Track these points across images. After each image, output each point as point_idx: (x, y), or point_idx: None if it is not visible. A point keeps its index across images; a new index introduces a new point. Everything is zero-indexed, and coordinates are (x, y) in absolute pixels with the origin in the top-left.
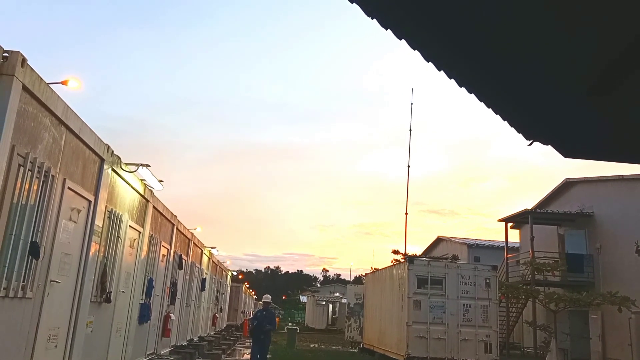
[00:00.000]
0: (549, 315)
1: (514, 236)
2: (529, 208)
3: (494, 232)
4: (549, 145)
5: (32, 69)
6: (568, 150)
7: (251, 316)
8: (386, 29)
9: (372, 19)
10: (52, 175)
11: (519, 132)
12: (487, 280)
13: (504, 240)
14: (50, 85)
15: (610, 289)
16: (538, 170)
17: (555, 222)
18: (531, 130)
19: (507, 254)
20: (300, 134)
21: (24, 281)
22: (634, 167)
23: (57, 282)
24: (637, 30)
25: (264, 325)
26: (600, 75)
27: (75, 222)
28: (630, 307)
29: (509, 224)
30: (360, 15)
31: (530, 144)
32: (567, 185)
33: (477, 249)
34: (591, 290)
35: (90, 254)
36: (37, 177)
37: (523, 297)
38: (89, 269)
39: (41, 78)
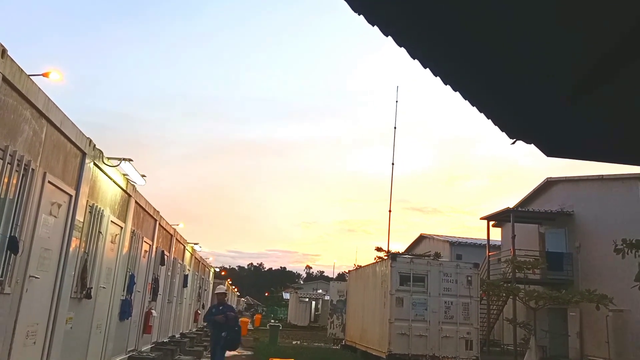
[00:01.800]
0: (528, 313)
1: (496, 234)
2: (511, 207)
3: (476, 230)
4: (532, 144)
5: (12, 60)
6: (550, 149)
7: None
8: (373, 26)
9: (358, 14)
10: (32, 168)
11: (502, 130)
12: (469, 278)
13: (485, 238)
14: (31, 77)
15: (589, 287)
16: (521, 169)
17: (536, 220)
18: (514, 129)
19: (489, 252)
20: (286, 131)
21: (1, 276)
22: (614, 166)
23: (37, 277)
24: (621, 31)
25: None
26: (583, 75)
27: (55, 216)
28: (608, 305)
29: (491, 222)
30: (347, 11)
31: (514, 143)
32: (548, 185)
33: (459, 247)
34: (570, 288)
35: (71, 249)
36: (16, 171)
37: (504, 294)
38: (69, 264)
39: (22, 69)
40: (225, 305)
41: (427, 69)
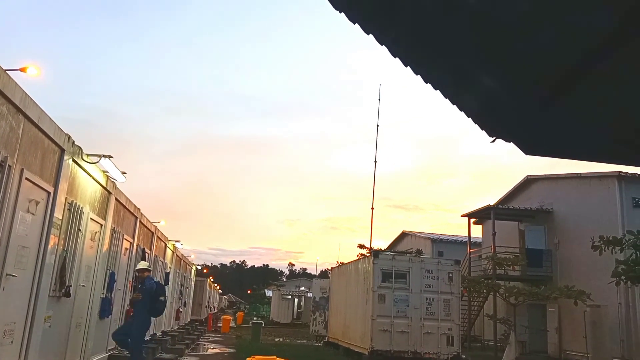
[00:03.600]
0: (508, 309)
1: (477, 231)
2: (492, 204)
3: (457, 228)
4: (511, 142)
5: None
6: (529, 148)
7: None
8: (354, 24)
9: (340, 12)
10: (8, 165)
11: (482, 129)
12: (450, 275)
13: (467, 235)
14: (7, 71)
15: (567, 283)
16: (501, 167)
17: (516, 218)
18: (494, 128)
19: (470, 249)
20: (269, 128)
21: None
22: (592, 165)
23: (14, 275)
24: (598, 32)
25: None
26: (561, 76)
27: (33, 214)
28: (586, 300)
29: (472, 220)
30: (331, 9)
31: (493, 141)
32: (528, 182)
33: (441, 244)
34: (549, 284)
35: (49, 247)
36: None
37: (484, 291)
38: (48, 262)
39: None
40: (143, 282)
41: (408, 67)
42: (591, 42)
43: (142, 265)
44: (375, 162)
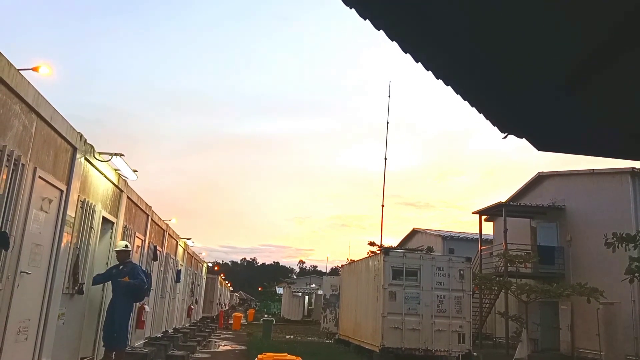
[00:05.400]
0: (520, 306)
1: (488, 228)
2: (503, 201)
3: (468, 225)
4: (524, 139)
5: (1, 53)
6: (541, 144)
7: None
8: (364, 19)
9: (350, 8)
10: (22, 163)
11: (494, 125)
12: (461, 272)
13: (478, 232)
14: (20, 71)
15: (580, 280)
16: (512, 164)
17: (528, 214)
18: (506, 123)
19: (481, 246)
20: (279, 126)
21: None
22: (605, 161)
23: (28, 273)
24: (613, 23)
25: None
26: (575, 69)
27: (46, 212)
28: (599, 298)
29: (483, 217)
30: (339, 5)
31: (505, 137)
32: (540, 179)
33: (452, 241)
34: (561, 282)
35: (62, 244)
36: (6, 166)
37: (496, 288)
38: (61, 260)
39: (11, 63)
40: (127, 264)
41: (419, 62)
42: (606, 33)
43: (120, 245)
44: (386, 159)
